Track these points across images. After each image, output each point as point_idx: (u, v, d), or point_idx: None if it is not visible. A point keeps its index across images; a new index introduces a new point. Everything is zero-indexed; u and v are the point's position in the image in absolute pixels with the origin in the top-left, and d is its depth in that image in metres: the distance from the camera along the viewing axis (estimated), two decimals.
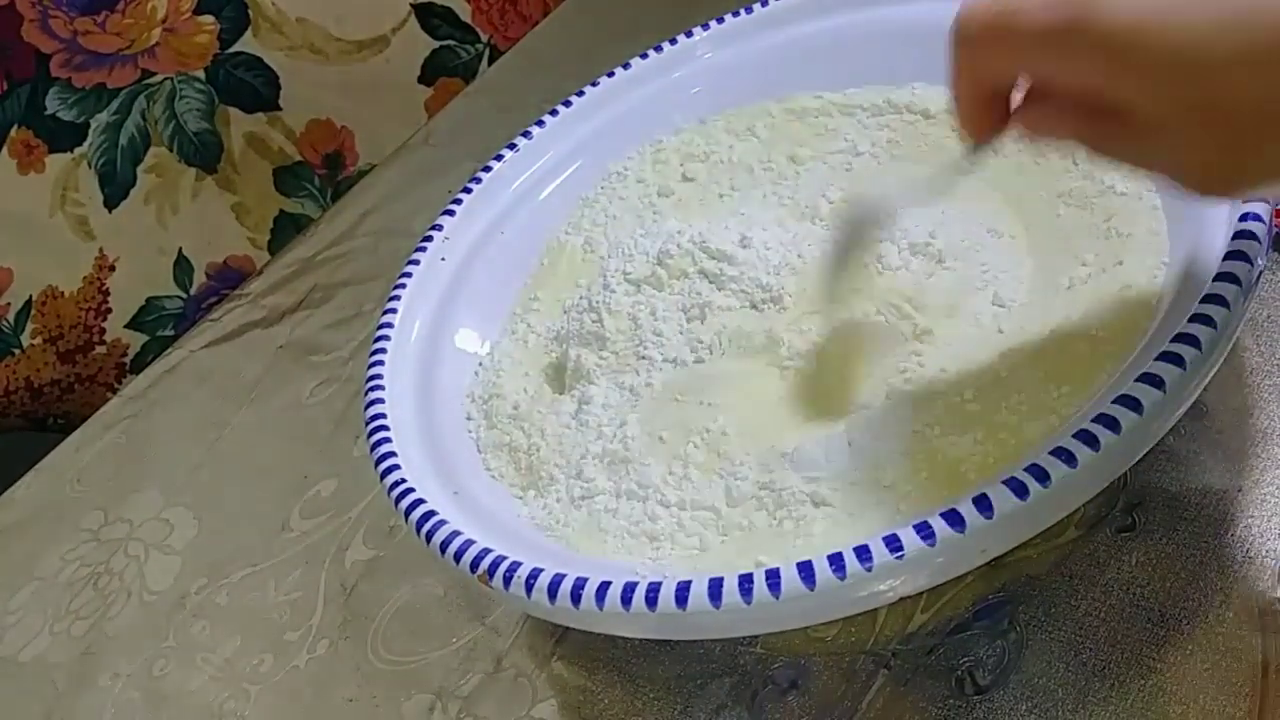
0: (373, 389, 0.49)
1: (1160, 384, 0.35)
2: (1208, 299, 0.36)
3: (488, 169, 0.59)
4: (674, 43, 0.62)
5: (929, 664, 0.41)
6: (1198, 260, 0.39)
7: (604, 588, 0.37)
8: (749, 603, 0.35)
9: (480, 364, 0.54)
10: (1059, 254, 0.46)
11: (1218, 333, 0.35)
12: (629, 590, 0.36)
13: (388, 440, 0.47)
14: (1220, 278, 0.36)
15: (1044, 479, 0.34)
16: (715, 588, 0.35)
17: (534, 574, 0.39)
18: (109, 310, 0.98)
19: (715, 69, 0.62)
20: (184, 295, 1.01)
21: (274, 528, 0.60)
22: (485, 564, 0.40)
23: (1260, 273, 0.37)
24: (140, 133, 0.95)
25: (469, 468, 0.49)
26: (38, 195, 0.92)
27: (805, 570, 0.35)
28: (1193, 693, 0.37)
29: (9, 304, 0.94)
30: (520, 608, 0.46)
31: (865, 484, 0.41)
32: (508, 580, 0.39)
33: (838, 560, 0.34)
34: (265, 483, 0.64)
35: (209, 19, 0.95)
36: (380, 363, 0.51)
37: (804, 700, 0.42)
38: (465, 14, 1.05)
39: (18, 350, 0.94)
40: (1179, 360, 0.35)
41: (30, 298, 0.94)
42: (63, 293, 0.96)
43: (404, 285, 0.54)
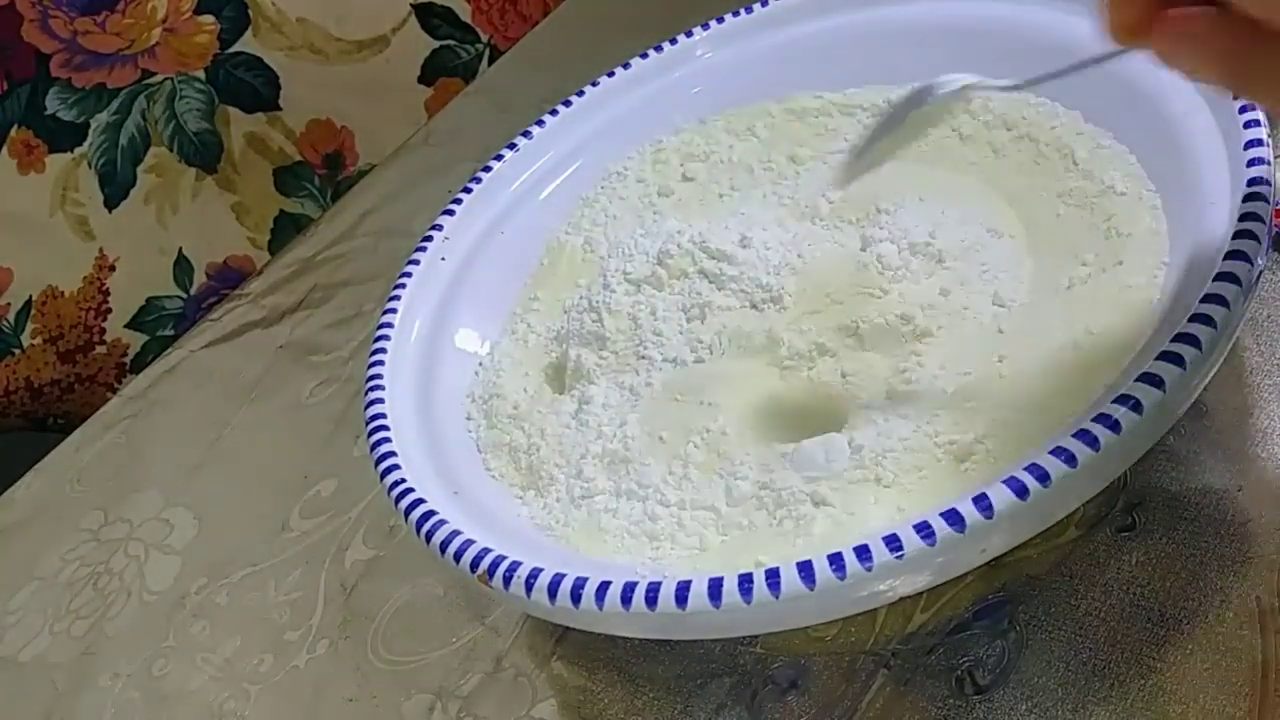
0: (373, 389, 0.49)
1: (1160, 384, 0.35)
2: (1208, 299, 0.36)
3: (488, 169, 0.59)
4: (674, 43, 0.62)
5: (929, 664, 0.41)
6: (1198, 260, 0.39)
7: (604, 588, 0.37)
8: (749, 603, 0.35)
9: (480, 364, 0.54)
10: (1059, 254, 0.46)
11: (1218, 333, 0.35)
12: (629, 590, 0.36)
13: (388, 440, 0.47)
14: (1220, 278, 0.36)
15: (1044, 479, 0.34)
16: (715, 587, 0.35)
17: (534, 574, 0.39)
18: (109, 310, 0.98)
19: (715, 69, 0.62)
20: (184, 295, 1.01)
21: (274, 528, 0.60)
22: (485, 564, 0.40)
23: (1260, 273, 0.37)
24: (140, 133, 0.95)
25: (469, 468, 0.49)
26: (38, 195, 0.92)
27: (805, 570, 0.35)
28: (1193, 693, 0.37)
29: (9, 304, 0.94)
30: (520, 608, 0.46)
31: (865, 484, 0.41)
32: (508, 580, 0.39)
33: (838, 560, 0.34)
34: (265, 483, 0.64)
35: (209, 19, 0.95)
36: (380, 363, 0.51)
37: (804, 700, 0.42)
38: (465, 14, 1.05)
39: (18, 350, 0.94)
40: (1179, 360, 0.35)
41: (30, 298, 0.94)
42: (63, 293, 0.96)
43: (404, 285, 0.54)
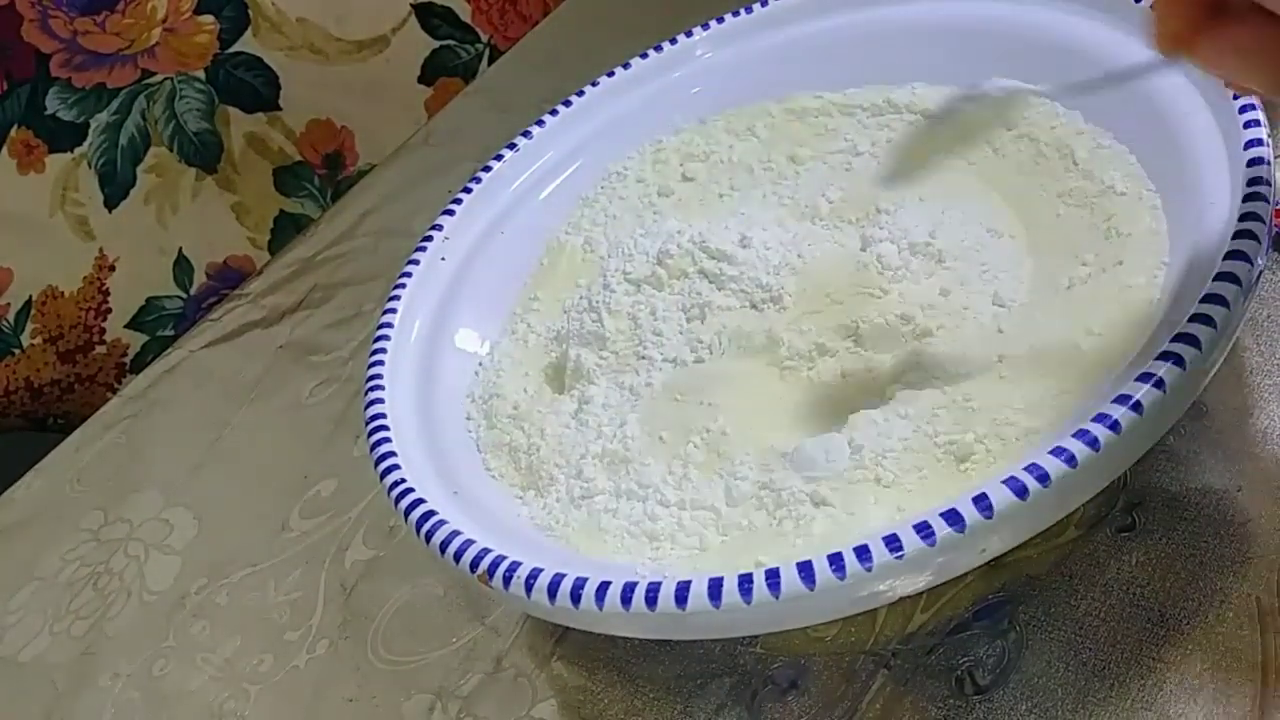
0: (373, 389, 0.49)
1: (1160, 384, 0.35)
2: (1208, 299, 0.36)
3: (488, 169, 0.59)
4: (674, 43, 0.62)
5: (929, 664, 0.41)
6: (1198, 260, 0.39)
7: (604, 588, 0.37)
8: (749, 603, 0.35)
9: (480, 364, 0.54)
10: (1059, 254, 0.46)
11: (1218, 333, 0.35)
12: (629, 590, 0.36)
13: (388, 440, 0.47)
14: (1220, 278, 0.36)
15: (1044, 479, 0.34)
16: (715, 588, 0.35)
17: (534, 574, 0.39)
18: (109, 310, 0.98)
19: (715, 69, 0.62)
20: (184, 295, 1.01)
21: (274, 528, 0.60)
22: (485, 564, 0.40)
23: (1260, 273, 0.37)
24: (140, 133, 0.95)
25: (469, 468, 0.49)
26: (38, 195, 0.92)
27: (805, 570, 0.35)
28: (1193, 693, 0.37)
29: (9, 304, 0.94)
30: (520, 608, 0.46)
31: (865, 484, 0.41)
32: (508, 580, 0.39)
33: (838, 560, 0.34)
34: (265, 483, 0.64)
35: (209, 19, 0.95)
36: (380, 363, 0.51)
37: (804, 700, 0.42)
38: (465, 14, 1.05)
39: (18, 350, 0.94)
40: (1179, 360, 0.35)
41: (30, 298, 0.94)
42: (63, 293, 0.96)
43: (404, 285, 0.54)
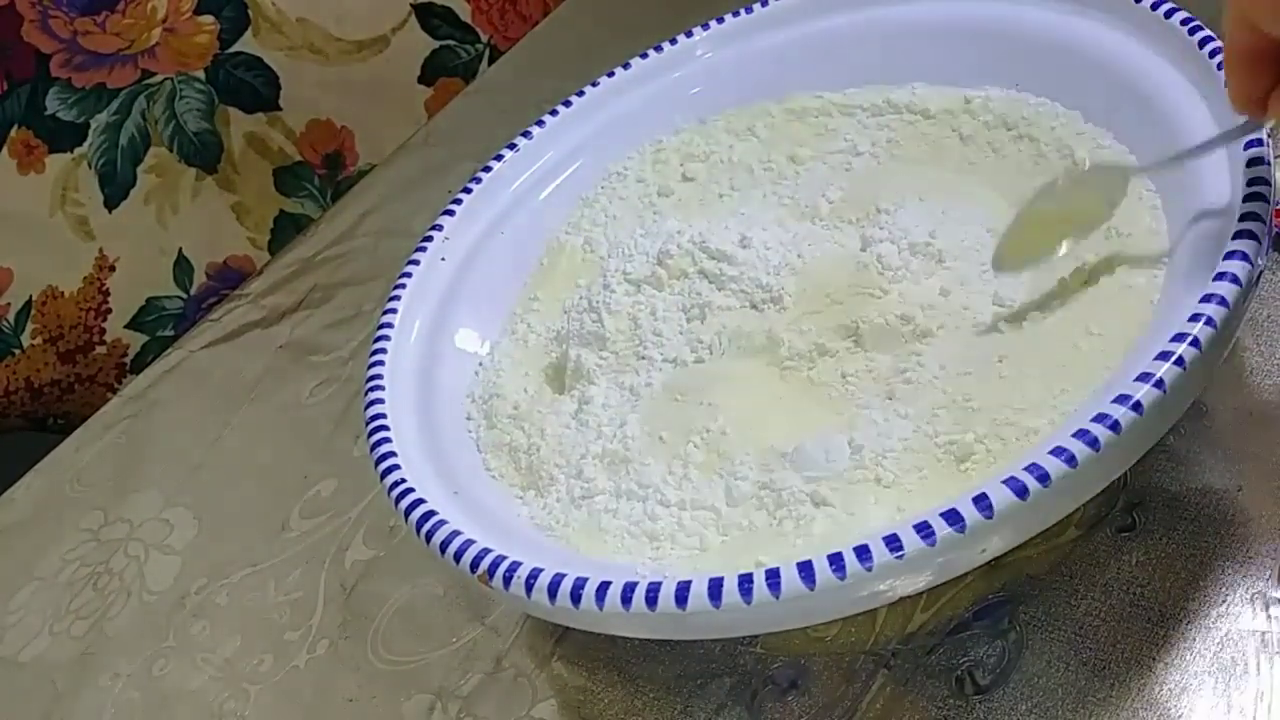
0: (373, 389, 0.49)
1: (1160, 384, 0.35)
2: (1208, 299, 0.36)
3: (488, 169, 0.59)
4: (674, 43, 0.62)
5: (929, 664, 0.41)
6: (1198, 260, 0.39)
7: (604, 588, 0.37)
8: (749, 603, 0.35)
9: (480, 364, 0.54)
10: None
11: (1218, 333, 0.35)
12: (629, 590, 0.36)
13: (388, 440, 0.47)
14: (1220, 278, 0.36)
15: (1044, 479, 0.34)
16: (715, 588, 0.35)
17: (534, 574, 0.39)
18: (109, 310, 0.98)
19: (715, 69, 0.62)
20: (184, 295, 1.01)
21: (274, 528, 0.60)
22: (485, 564, 0.40)
23: (1260, 273, 0.37)
24: (140, 133, 0.95)
25: (469, 468, 0.49)
26: (38, 195, 0.92)
27: (805, 570, 0.35)
28: (1193, 692, 0.37)
29: (9, 304, 0.93)
30: (520, 608, 0.46)
31: (865, 484, 0.41)
32: (508, 580, 0.39)
33: (838, 560, 0.34)
34: (265, 483, 0.64)
35: (209, 19, 0.95)
36: (380, 363, 0.51)
37: (804, 700, 0.42)
38: (465, 14, 1.05)
39: (18, 350, 0.94)
40: (1179, 360, 0.35)
41: (30, 298, 0.94)
42: (63, 293, 0.95)
43: (404, 285, 0.54)
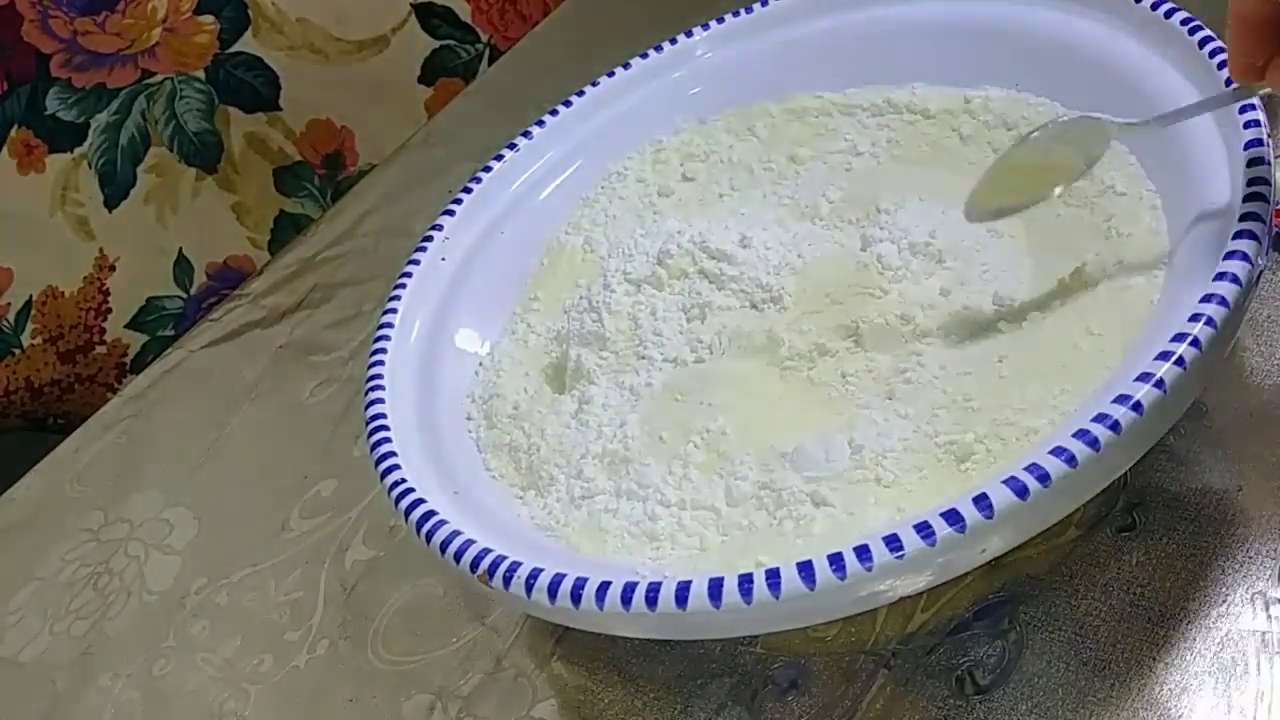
0: (373, 389, 0.49)
1: (1160, 384, 0.35)
2: (1208, 299, 0.36)
3: (488, 169, 0.59)
4: (674, 43, 0.62)
5: (929, 664, 0.41)
6: (1198, 260, 0.39)
7: (604, 588, 0.37)
8: (749, 603, 0.35)
9: (480, 364, 0.54)
10: (1059, 254, 0.46)
11: (1218, 333, 0.35)
12: (629, 590, 0.36)
13: (388, 440, 0.47)
14: (1220, 278, 0.36)
15: (1044, 479, 0.34)
16: (715, 588, 0.35)
17: (534, 574, 0.39)
18: (109, 310, 0.98)
19: (715, 69, 0.62)
20: (184, 295, 1.01)
21: (274, 528, 0.60)
22: (485, 564, 0.40)
23: (1260, 273, 0.37)
24: (140, 133, 0.95)
25: (469, 468, 0.49)
26: (38, 195, 0.92)
27: (805, 570, 0.35)
28: (1193, 692, 0.37)
29: (9, 304, 0.93)
30: (520, 608, 0.46)
31: (865, 484, 0.41)
32: (508, 580, 0.39)
33: (838, 560, 0.34)
34: (265, 483, 0.64)
35: (209, 19, 0.95)
36: (380, 363, 0.51)
37: (804, 700, 0.42)
38: (465, 14, 1.05)
39: (18, 350, 0.94)
40: (1179, 360, 0.35)
41: (30, 298, 0.94)
42: (63, 293, 0.95)
43: (404, 285, 0.54)
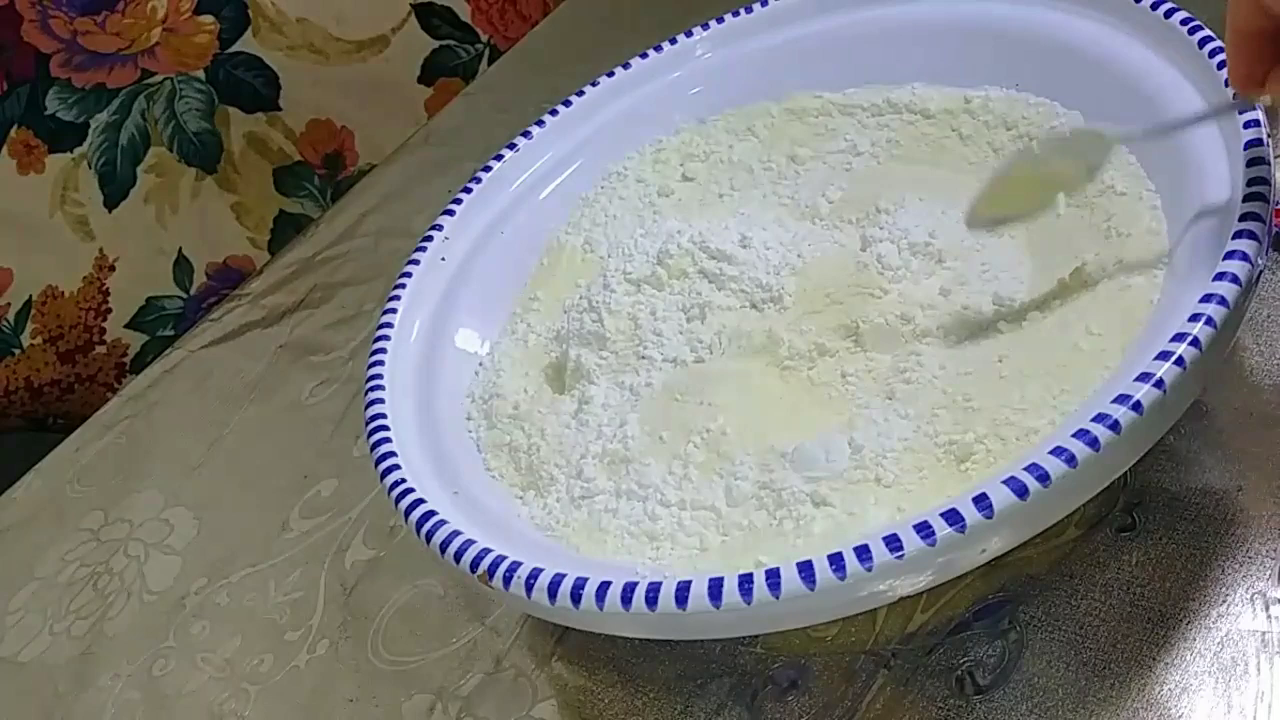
0: (373, 389, 0.49)
1: (1160, 384, 0.35)
2: (1208, 299, 0.36)
3: (488, 169, 0.59)
4: (674, 43, 0.62)
5: (929, 664, 0.41)
6: (1198, 260, 0.39)
7: (604, 588, 0.37)
8: (749, 603, 0.35)
9: (480, 364, 0.54)
10: (1059, 254, 0.46)
11: (1218, 333, 0.35)
12: (629, 590, 0.36)
13: (388, 440, 0.47)
14: (1220, 278, 0.36)
15: (1044, 479, 0.34)
16: (715, 588, 0.35)
17: (534, 574, 0.39)
18: (109, 310, 0.98)
19: (715, 69, 0.62)
20: (184, 295, 1.01)
21: (274, 528, 0.60)
22: (485, 564, 0.40)
23: (1260, 273, 0.37)
24: (140, 133, 0.95)
25: (469, 468, 0.49)
26: (38, 195, 0.92)
27: (805, 570, 0.35)
28: (1193, 692, 0.37)
29: (9, 304, 0.93)
30: (520, 608, 0.46)
31: (865, 484, 0.41)
32: (508, 580, 0.39)
33: (838, 560, 0.34)
34: (265, 483, 0.64)
35: (209, 19, 0.95)
36: (380, 363, 0.51)
37: (804, 700, 0.42)
38: (465, 14, 1.05)
39: (18, 350, 0.94)
40: (1179, 360, 0.35)
41: (30, 298, 0.94)
42: (63, 293, 0.95)
43: (404, 285, 0.54)
